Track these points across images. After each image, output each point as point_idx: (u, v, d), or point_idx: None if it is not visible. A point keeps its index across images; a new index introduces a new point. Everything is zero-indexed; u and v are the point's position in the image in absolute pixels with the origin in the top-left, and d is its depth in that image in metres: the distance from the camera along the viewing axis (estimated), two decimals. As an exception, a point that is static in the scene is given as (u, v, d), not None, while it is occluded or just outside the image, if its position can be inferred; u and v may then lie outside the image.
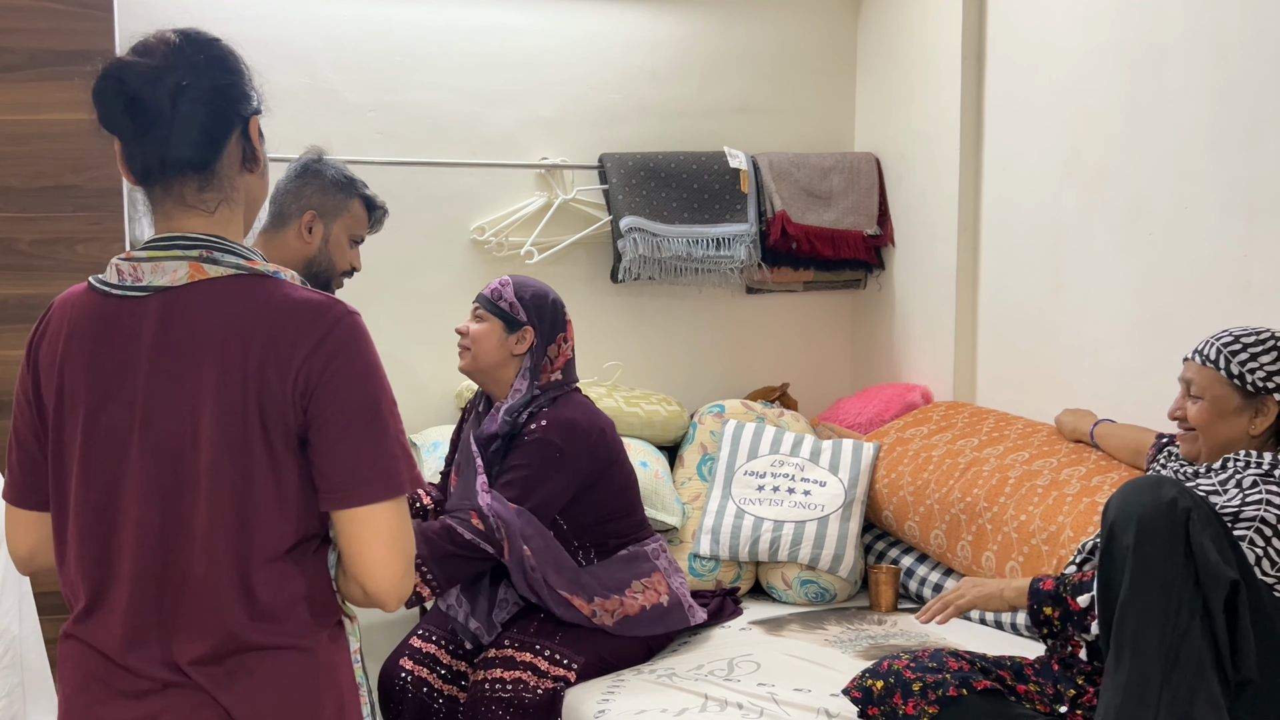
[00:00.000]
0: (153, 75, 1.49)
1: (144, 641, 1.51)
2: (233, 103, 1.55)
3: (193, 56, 1.53)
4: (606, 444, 2.98)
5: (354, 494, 1.50)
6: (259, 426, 1.48)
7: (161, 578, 1.50)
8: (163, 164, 1.52)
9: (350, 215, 2.86)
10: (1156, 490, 2.19)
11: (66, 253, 2.96)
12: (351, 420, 1.50)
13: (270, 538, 1.51)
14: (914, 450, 3.51)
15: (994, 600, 2.49)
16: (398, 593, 1.54)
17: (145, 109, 1.49)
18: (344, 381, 1.50)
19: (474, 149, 3.85)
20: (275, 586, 1.52)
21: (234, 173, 1.57)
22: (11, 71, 2.92)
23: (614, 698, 2.70)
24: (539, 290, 2.99)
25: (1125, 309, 3.24)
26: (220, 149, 1.55)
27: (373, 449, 1.51)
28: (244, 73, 1.59)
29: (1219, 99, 2.94)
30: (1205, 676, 2.09)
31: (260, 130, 1.60)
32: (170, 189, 1.55)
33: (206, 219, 1.55)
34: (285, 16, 3.61)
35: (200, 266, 1.51)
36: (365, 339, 1.54)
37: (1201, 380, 2.47)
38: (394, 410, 1.55)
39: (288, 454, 1.51)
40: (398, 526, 1.52)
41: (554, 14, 3.90)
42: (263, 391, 1.48)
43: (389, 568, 1.52)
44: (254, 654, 1.51)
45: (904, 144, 4.05)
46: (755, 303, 4.22)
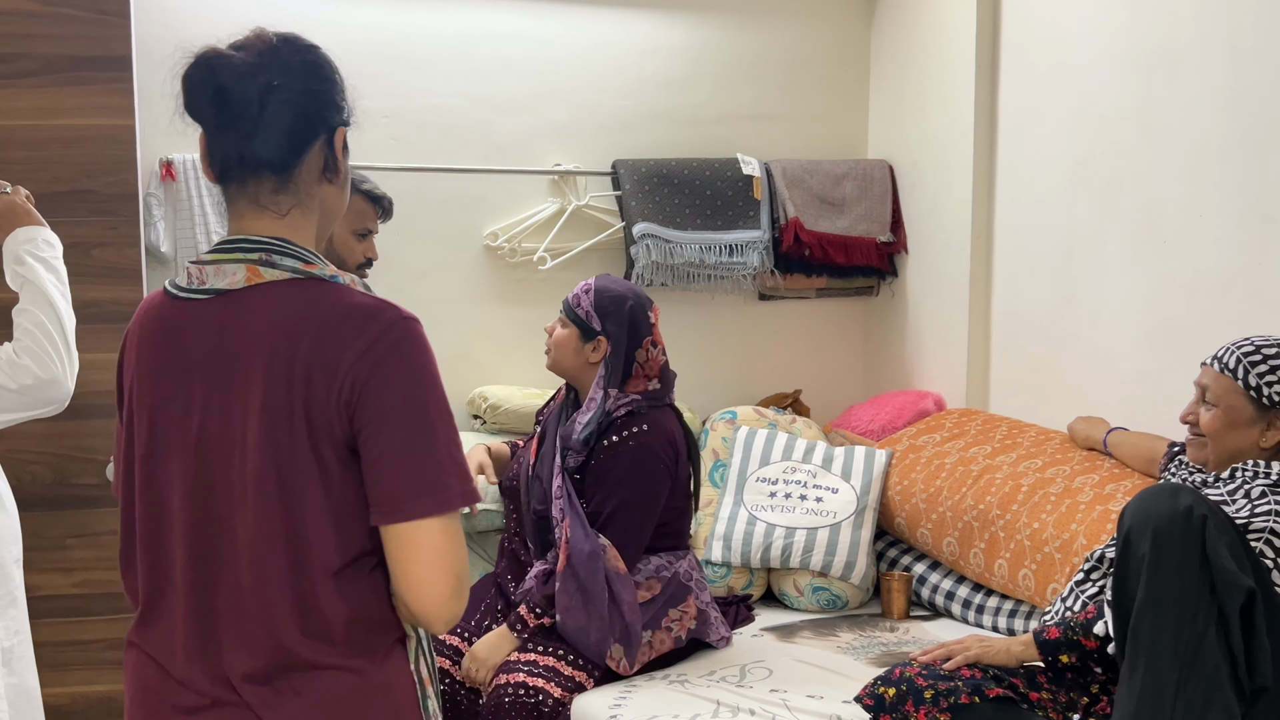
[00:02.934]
0: (245, 70, 1.48)
1: (200, 654, 1.48)
2: (321, 110, 1.54)
3: (288, 59, 1.53)
4: (681, 463, 3.00)
5: (399, 509, 1.43)
6: (305, 435, 1.43)
7: (212, 588, 1.47)
8: (242, 161, 1.51)
9: (351, 212, 2.96)
10: (1173, 498, 2.18)
11: (82, 258, 2.97)
12: (397, 430, 1.43)
13: (322, 551, 1.45)
14: (926, 457, 3.50)
15: (1001, 655, 2.45)
16: (444, 615, 1.46)
17: (231, 102, 1.47)
18: (391, 389, 1.44)
19: (487, 155, 3.85)
20: (329, 602, 1.46)
21: (312, 179, 1.55)
22: (28, 77, 2.93)
23: (626, 703, 2.70)
24: (616, 296, 2.96)
25: (1138, 317, 3.23)
26: (302, 153, 1.52)
27: (419, 461, 1.44)
28: (337, 83, 1.58)
29: (1233, 107, 2.93)
30: (1220, 685, 2.09)
31: (346, 142, 1.59)
32: (246, 187, 1.53)
33: (276, 221, 1.53)
34: (299, 23, 3.56)
35: (256, 270, 1.48)
36: (418, 345, 1.48)
37: (1217, 388, 2.45)
38: (447, 421, 1.48)
39: (339, 464, 1.45)
40: (445, 544, 1.44)
41: (567, 21, 3.91)
42: (309, 398, 1.43)
43: (434, 588, 1.44)
44: (304, 674, 1.46)
45: (917, 151, 4.05)
46: (768, 309, 4.22)
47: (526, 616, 2.85)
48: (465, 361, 3.85)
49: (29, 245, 2.39)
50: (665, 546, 3.01)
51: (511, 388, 3.70)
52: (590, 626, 2.81)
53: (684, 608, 2.97)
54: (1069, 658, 2.39)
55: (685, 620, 2.96)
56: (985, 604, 3.23)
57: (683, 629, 2.96)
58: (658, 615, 2.92)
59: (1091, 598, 2.49)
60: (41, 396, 2.28)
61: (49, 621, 2.82)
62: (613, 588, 2.83)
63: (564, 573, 2.83)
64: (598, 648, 2.81)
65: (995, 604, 3.21)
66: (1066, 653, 2.38)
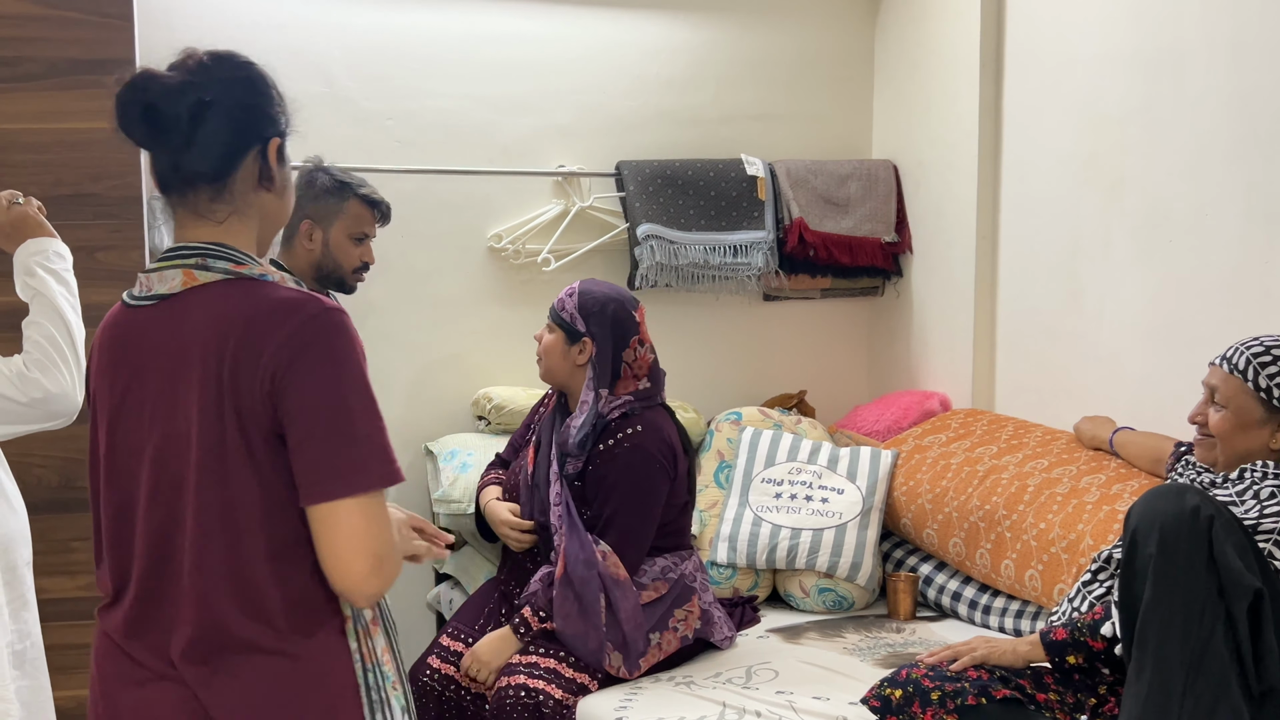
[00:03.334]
0: (174, 88, 1.56)
1: (145, 631, 1.59)
2: (253, 122, 1.62)
3: (220, 75, 1.60)
4: (678, 462, 3.00)
5: (317, 489, 1.51)
6: (236, 427, 1.52)
7: (162, 574, 1.58)
8: (178, 173, 1.60)
9: (347, 216, 3.03)
10: (1179, 498, 2.17)
11: (86, 260, 2.96)
12: (317, 416, 1.51)
13: (256, 537, 1.54)
14: (932, 458, 3.49)
15: (1008, 656, 2.44)
16: (363, 590, 1.54)
17: (160, 119, 1.56)
18: (310, 377, 1.52)
19: (491, 157, 3.85)
20: (266, 586, 1.55)
21: (248, 189, 1.64)
22: (32, 80, 2.94)
23: (632, 705, 2.70)
24: (599, 297, 2.96)
25: (1144, 316, 3.22)
26: (235, 164, 1.61)
27: (338, 445, 1.52)
28: (271, 96, 1.65)
29: (1238, 106, 2.92)
30: (1228, 686, 2.08)
31: (281, 152, 1.66)
32: (185, 198, 1.62)
33: (214, 228, 1.62)
34: (303, 25, 3.63)
35: (192, 274, 1.58)
36: (338, 334, 1.55)
37: (1227, 389, 2.44)
38: (368, 406, 1.55)
39: (269, 452, 1.53)
40: (362, 524, 1.52)
41: (570, 22, 3.90)
42: (236, 390, 1.52)
43: (351, 566, 1.52)
44: (239, 655, 1.55)
45: (922, 151, 4.04)
46: (772, 310, 4.21)
47: (530, 619, 2.85)
48: (469, 363, 3.85)
49: (40, 257, 2.39)
50: (669, 545, 3.01)
51: (516, 389, 3.70)
52: (588, 635, 2.81)
53: (688, 608, 2.97)
54: (1076, 659, 2.38)
55: (690, 620, 2.96)
56: (992, 605, 3.23)
57: (688, 629, 2.95)
58: (664, 616, 2.92)
59: (1099, 598, 2.49)
60: (50, 410, 2.28)
61: (55, 625, 2.81)
62: (610, 596, 2.83)
63: (561, 581, 2.83)
64: (595, 656, 2.81)
65: (1002, 605, 3.20)
66: (1073, 654, 2.38)
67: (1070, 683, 2.42)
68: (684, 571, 2.99)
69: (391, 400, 3.65)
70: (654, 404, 2.99)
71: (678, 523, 3.03)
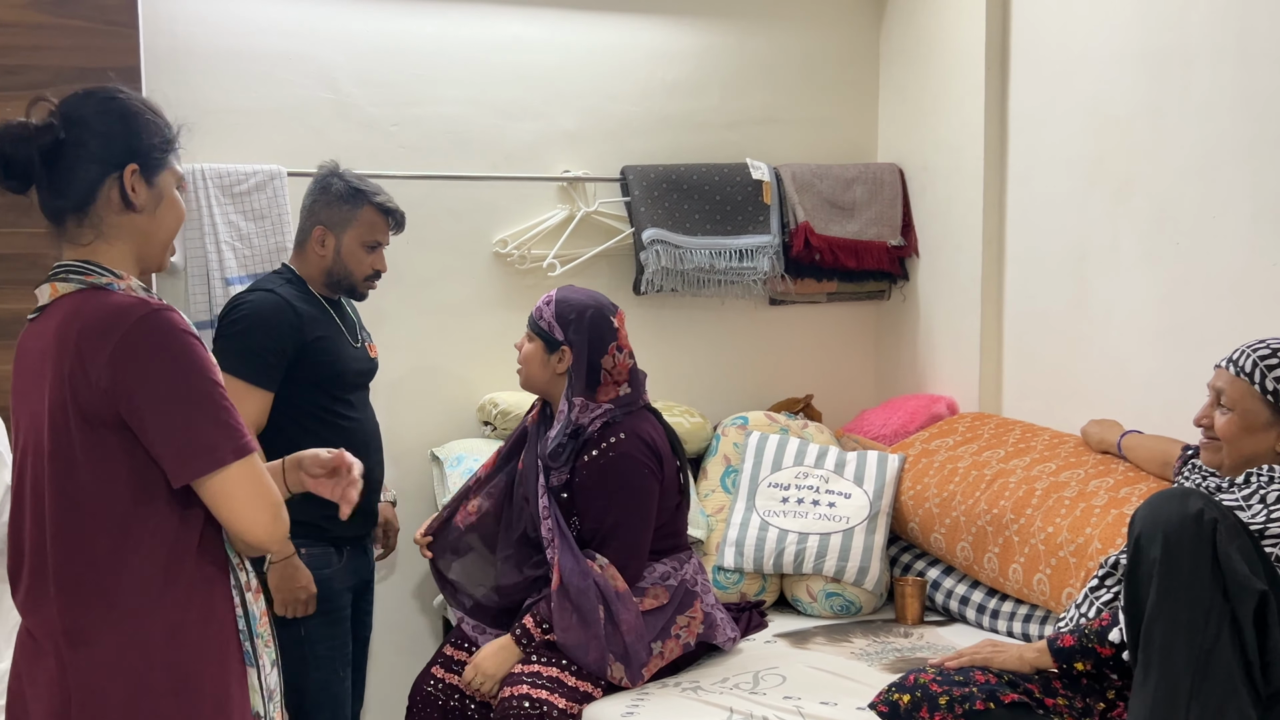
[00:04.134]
0: (25, 134, 1.73)
1: (36, 607, 1.76)
2: (108, 153, 1.77)
3: (72, 114, 1.76)
4: (665, 463, 2.99)
5: (182, 472, 1.70)
6: (80, 421, 1.70)
7: (40, 555, 1.75)
8: (45, 207, 1.79)
9: (360, 224, 3.01)
10: (1183, 502, 2.16)
11: (92, 268, 2.98)
12: (160, 409, 1.69)
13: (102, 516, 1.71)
14: (939, 462, 3.48)
15: (1014, 662, 2.43)
16: (272, 536, 1.75)
17: (13, 163, 1.73)
18: (147, 376, 1.68)
19: (495, 162, 3.85)
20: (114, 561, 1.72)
21: (111, 213, 1.79)
22: (38, 88, 2.91)
23: (638, 711, 2.69)
24: (576, 305, 2.96)
25: (1152, 319, 3.22)
26: (92, 194, 1.78)
27: (189, 431, 1.69)
28: (129, 124, 1.79)
29: (1246, 107, 2.92)
30: (1235, 689, 2.07)
31: (140, 177, 1.79)
32: (60, 227, 1.81)
33: (80, 249, 1.80)
34: (308, 31, 3.63)
35: (55, 286, 1.77)
36: (163, 332, 1.70)
37: (1233, 392, 2.42)
38: (208, 389, 1.72)
39: (112, 439, 1.71)
40: (244, 489, 1.72)
41: (575, 27, 3.90)
42: (75, 391, 1.69)
43: (254, 523, 1.73)
44: (95, 625, 1.71)
45: (927, 154, 4.03)
46: (779, 314, 4.21)
47: (533, 630, 2.84)
48: (475, 368, 3.85)
49: None
50: (667, 548, 3.00)
51: (521, 394, 3.69)
52: (589, 646, 2.81)
53: (691, 613, 2.96)
54: (1084, 665, 2.37)
55: (693, 626, 2.95)
56: (1000, 609, 3.22)
57: (691, 635, 2.95)
58: (668, 624, 2.91)
59: (1106, 604, 2.48)
60: None
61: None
62: (611, 608, 2.82)
63: (558, 593, 2.83)
64: (597, 666, 2.81)
65: (1010, 609, 3.19)
66: (1081, 660, 2.37)
67: (1078, 687, 2.41)
68: (685, 576, 2.99)
69: (397, 406, 3.66)
70: (635, 409, 2.99)
71: (672, 524, 3.02)
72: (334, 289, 3.05)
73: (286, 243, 3.42)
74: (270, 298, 2.88)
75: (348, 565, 2.97)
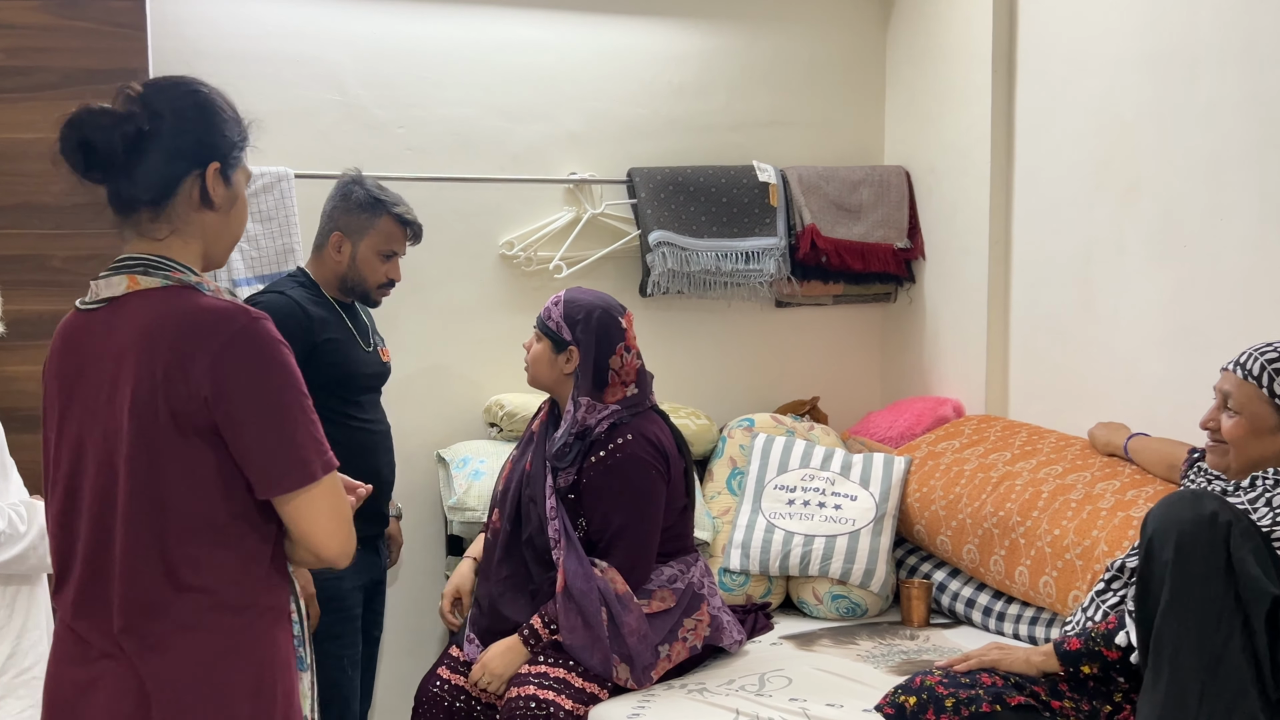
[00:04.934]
0: (109, 122, 1.68)
1: (90, 611, 1.71)
2: (191, 149, 1.72)
3: (156, 104, 1.71)
4: (672, 465, 2.99)
5: (275, 485, 1.68)
6: (171, 425, 1.65)
7: (101, 558, 1.70)
8: (119, 199, 1.73)
9: (377, 233, 3.04)
10: (1197, 504, 2.15)
11: (99, 269, 2.96)
12: (258, 421, 1.66)
13: (187, 522, 1.67)
14: (946, 464, 3.48)
15: (1020, 665, 2.43)
16: (345, 553, 1.74)
17: (95, 151, 1.68)
18: (246, 386, 1.65)
19: (502, 164, 3.85)
20: (194, 567, 1.68)
21: (188, 210, 1.74)
22: (46, 90, 2.95)
23: (644, 713, 2.69)
24: (584, 305, 2.96)
25: (1159, 321, 3.21)
26: (173, 189, 1.72)
27: (283, 445, 1.67)
28: (214, 122, 1.75)
29: (1253, 109, 2.91)
30: (1245, 692, 2.06)
31: (221, 175, 1.75)
32: (129, 218, 1.75)
33: (154, 244, 1.74)
34: (315, 33, 3.63)
35: (135, 279, 1.70)
36: (265, 342, 1.67)
37: (1240, 396, 2.41)
38: (301, 403, 1.70)
39: (204, 446, 1.67)
40: (326, 504, 1.70)
41: (581, 29, 3.91)
42: (170, 393, 1.64)
43: (331, 538, 1.72)
44: (173, 630, 1.67)
45: (934, 156, 4.03)
46: (785, 316, 4.20)
47: (540, 630, 2.84)
48: (481, 370, 3.85)
49: None
50: (673, 550, 3.00)
51: (527, 396, 3.69)
52: (593, 648, 2.81)
53: (698, 616, 2.96)
54: (1090, 668, 2.36)
55: (700, 629, 2.95)
56: (1006, 611, 3.21)
57: (698, 638, 2.94)
58: (675, 628, 2.91)
59: (1113, 607, 2.47)
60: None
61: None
62: (611, 610, 2.82)
63: (563, 594, 2.83)
64: (602, 667, 2.81)
65: (1016, 611, 3.19)
66: (1088, 664, 2.36)
67: (1085, 690, 2.40)
68: (691, 579, 2.99)
69: (404, 408, 3.65)
70: (642, 410, 2.99)
71: (679, 526, 3.02)
72: (347, 294, 3.07)
73: (294, 244, 3.42)
74: (280, 299, 2.90)
75: (358, 565, 2.98)
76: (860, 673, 2.91)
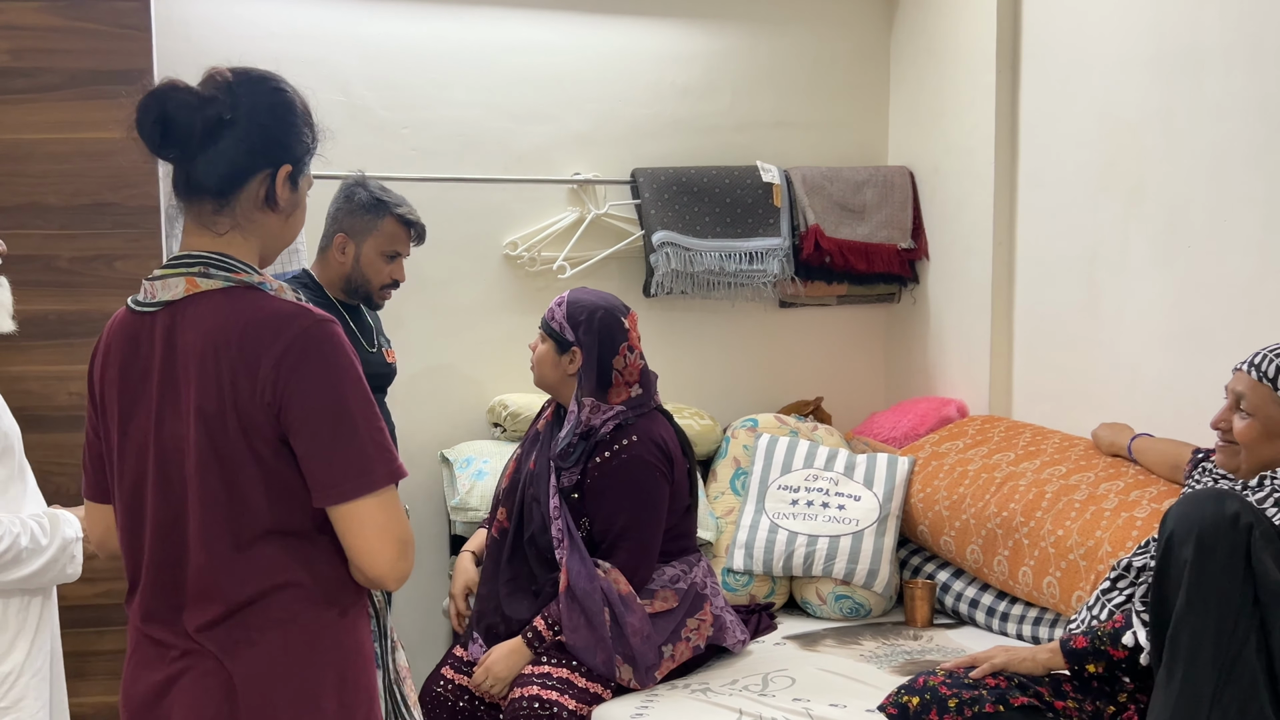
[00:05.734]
0: (193, 102, 1.64)
1: (160, 615, 1.69)
2: (267, 146, 1.69)
3: (245, 96, 1.67)
4: (676, 466, 2.99)
5: (333, 492, 1.62)
6: (238, 431, 1.61)
7: (171, 563, 1.67)
8: (188, 183, 1.68)
9: (380, 234, 3.07)
10: (1219, 504, 2.13)
11: (105, 269, 2.99)
12: (321, 425, 1.61)
13: (264, 529, 1.64)
14: (949, 464, 3.48)
15: (1027, 663, 2.43)
16: (394, 575, 1.66)
17: (173, 129, 1.63)
18: (309, 389, 1.61)
19: (506, 165, 3.86)
20: (278, 567, 1.65)
21: (252, 207, 1.70)
22: (51, 91, 2.96)
23: (647, 713, 2.70)
24: (587, 305, 2.97)
25: (1163, 322, 3.21)
26: (241, 183, 1.68)
27: (345, 450, 1.61)
28: (293, 123, 1.72)
29: (1258, 111, 2.91)
30: (1258, 695, 2.05)
31: (290, 179, 1.72)
32: (191, 206, 1.71)
33: (214, 239, 1.70)
34: (320, 35, 3.64)
35: (194, 281, 1.65)
36: (331, 345, 1.63)
37: (1254, 397, 2.38)
38: (366, 410, 1.64)
39: (272, 454, 1.63)
40: (382, 517, 1.63)
41: (586, 31, 3.91)
42: (237, 399, 1.60)
43: (380, 555, 1.64)
44: (257, 627, 1.65)
45: (938, 157, 4.03)
46: (789, 317, 4.21)
47: (544, 631, 2.85)
48: (485, 370, 3.86)
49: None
50: (676, 550, 3.01)
51: (531, 396, 3.70)
52: (596, 648, 2.81)
53: (701, 616, 2.96)
54: (1096, 668, 2.36)
55: (703, 629, 2.96)
56: (1010, 612, 3.21)
57: (701, 638, 2.95)
58: (678, 628, 2.92)
59: (1118, 606, 2.47)
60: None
61: (73, 631, 2.83)
62: (614, 611, 2.82)
63: (566, 594, 2.83)
64: (605, 668, 2.81)
65: (1020, 612, 3.19)
66: (1094, 662, 2.36)
67: (1089, 690, 2.40)
68: (694, 579, 2.99)
69: (407, 408, 3.66)
70: (647, 410, 2.99)
71: (681, 526, 3.03)
72: (351, 295, 3.09)
73: (297, 244, 3.43)
74: None
75: None
76: (864, 673, 2.91)
